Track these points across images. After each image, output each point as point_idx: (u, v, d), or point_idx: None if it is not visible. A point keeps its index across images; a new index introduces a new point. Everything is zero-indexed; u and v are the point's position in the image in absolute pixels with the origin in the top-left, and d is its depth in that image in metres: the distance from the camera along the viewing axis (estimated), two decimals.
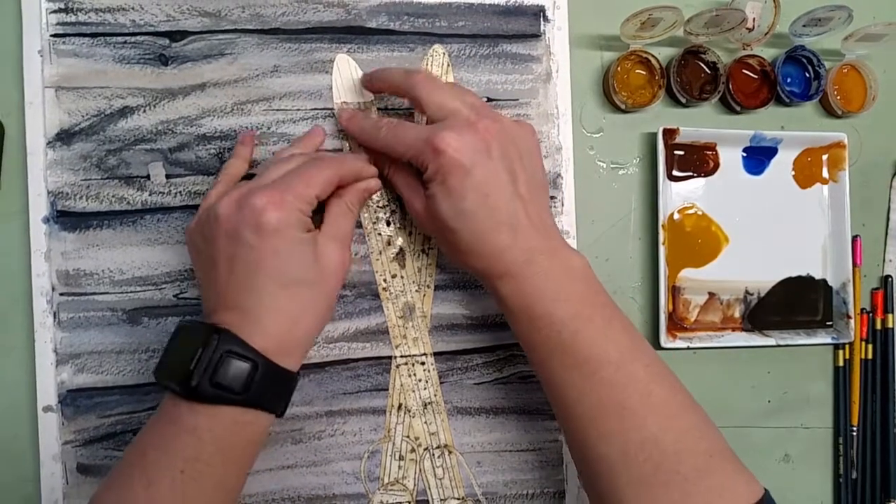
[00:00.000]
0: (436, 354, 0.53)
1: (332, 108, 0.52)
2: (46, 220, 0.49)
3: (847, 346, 0.60)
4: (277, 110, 0.52)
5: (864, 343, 0.60)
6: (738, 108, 0.58)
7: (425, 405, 0.53)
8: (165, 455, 0.38)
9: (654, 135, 0.56)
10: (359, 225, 0.52)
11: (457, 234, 0.44)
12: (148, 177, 0.50)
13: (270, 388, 0.40)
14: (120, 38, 0.50)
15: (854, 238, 0.60)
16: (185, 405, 0.39)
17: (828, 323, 0.60)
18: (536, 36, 0.55)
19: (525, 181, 0.44)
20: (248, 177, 0.48)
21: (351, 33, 0.53)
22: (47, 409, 0.49)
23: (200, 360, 0.38)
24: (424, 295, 0.53)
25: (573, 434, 0.43)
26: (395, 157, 0.46)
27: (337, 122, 0.52)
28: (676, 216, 0.58)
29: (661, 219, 0.56)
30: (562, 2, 0.56)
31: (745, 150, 0.59)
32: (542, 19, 0.55)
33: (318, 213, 0.45)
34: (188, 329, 0.41)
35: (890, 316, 0.61)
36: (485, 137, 0.43)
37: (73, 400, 0.49)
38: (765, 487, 0.41)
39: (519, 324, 0.44)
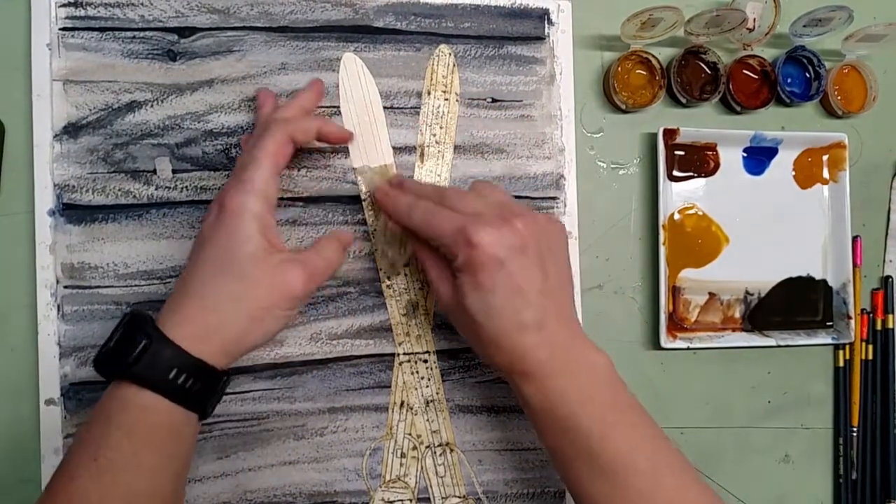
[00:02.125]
0: (438, 352, 0.53)
1: (338, 106, 0.53)
2: (52, 213, 0.49)
3: (847, 347, 0.61)
4: None
5: (864, 343, 0.61)
6: (738, 109, 0.59)
7: (427, 403, 0.53)
8: (83, 443, 0.38)
9: (655, 135, 0.57)
10: (363, 223, 0.52)
11: (482, 328, 0.43)
12: (154, 171, 0.50)
13: (168, 368, 0.39)
14: (129, 33, 0.50)
15: (854, 238, 0.60)
16: (106, 391, 0.40)
17: (828, 323, 0.61)
18: (541, 38, 0.56)
19: (555, 277, 0.44)
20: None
21: (358, 32, 0.53)
22: (49, 402, 0.48)
23: (113, 334, 0.40)
24: (428, 293, 0.53)
25: None
26: (425, 239, 0.46)
27: (343, 123, 0.53)
28: (677, 216, 0.59)
29: (662, 219, 0.57)
30: (566, 5, 0.56)
31: (745, 150, 0.60)
32: (546, 22, 0.56)
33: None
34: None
35: (890, 316, 0.61)
36: (521, 234, 0.42)
37: (75, 393, 0.49)
38: None
39: (543, 425, 0.43)
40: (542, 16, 0.56)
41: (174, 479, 0.40)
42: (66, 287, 0.49)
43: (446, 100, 0.54)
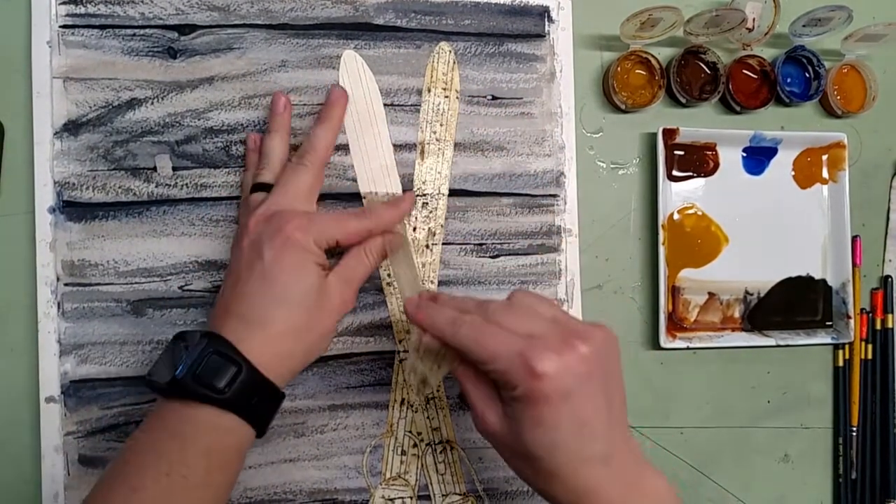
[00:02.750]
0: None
1: None
2: (52, 211, 0.49)
3: (847, 347, 0.61)
4: None
5: (863, 343, 0.61)
6: (737, 109, 0.59)
7: (428, 400, 0.53)
8: (151, 458, 0.39)
9: (654, 135, 0.57)
10: None
11: (540, 462, 0.38)
12: (155, 169, 0.50)
13: (252, 396, 0.41)
14: (129, 31, 0.50)
15: (854, 238, 0.61)
16: (172, 408, 0.40)
17: (827, 323, 0.61)
18: (541, 36, 0.56)
19: (618, 402, 0.40)
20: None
21: (358, 29, 0.53)
22: (50, 399, 0.48)
23: (187, 357, 0.40)
24: (428, 290, 0.53)
25: None
26: (472, 360, 0.40)
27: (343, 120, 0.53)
28: (676, 216, 0.59)
29: (661, 219, 0.57)
30: (566, 3, 0.56)
31: (744, 150, 0.60)
32: (546, 20, 0.56)
33: (338, 256, 0.46)
34: (183, 335, 0.44)
35: (890, 316, 0.62)
36: (587, 360, 0.38)
37: (75, 391, 0.49)
38: None
39: None
40: (543, 13, 0.56)
41: (229, 495, 0.42)
42: (66, 284, 0.49)
43: (446, 97, 0.54)
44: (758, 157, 0.60)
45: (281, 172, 0.47)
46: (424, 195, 0.54)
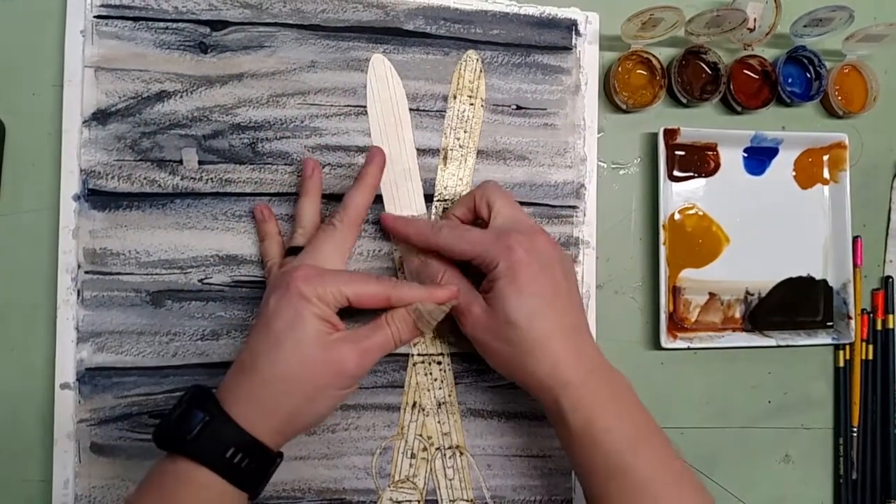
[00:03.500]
0: (452, 355, 0.54)
1: (365, 106, 0.53)
2: (77, 198, 0.49)
3: (847, 347, 0.61)
4: (312, 104, 0.52)
5: (864, 344, 0.61)
6: (738, 109, 0.59)
7: (439, 405, 0.53)
8: None
9: (655, 135, 0.57)
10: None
11: (523, 335, 0.43)
12: (181, 161, 0.51)
13: (225, 446, 0.39)
14: (161, 24, 0.51)
15: (855, 238, 0.61)
16: (159, 463, 0.40)
17: (828, 323, 0.61)
18: (568, 49, 0.57)
19: (577, 293, 0.47)
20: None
21: (388, 34, 0.54)
22: (65, 386, 0.48)
23: (175, 409, 0.40)
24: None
25: None
26: (454, 256, 0.47)
27: (369, 123, 0.53)
28: (677, 216, 0.59)
29: (662, 219, 0.57)
30: (594, 17, 0.57)
31: (745, 150, 0.60)
32: (574, 33, 0.57)
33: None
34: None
35: (890, 316, 0.62)
36: (551, 243, 0.46)
37: (90, 378, 0.49)
38: None
39: (576, 439, 0.43)
40: (570, 26, 0.56)
41: None
42: (87, 272, 0.49)
43: (472, 105, 0.55)
44: (759, 158, 0.60)
45: (313, 233, 0.48)
46: (445, 200, 0.54)
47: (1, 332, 0.49)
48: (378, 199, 0.53)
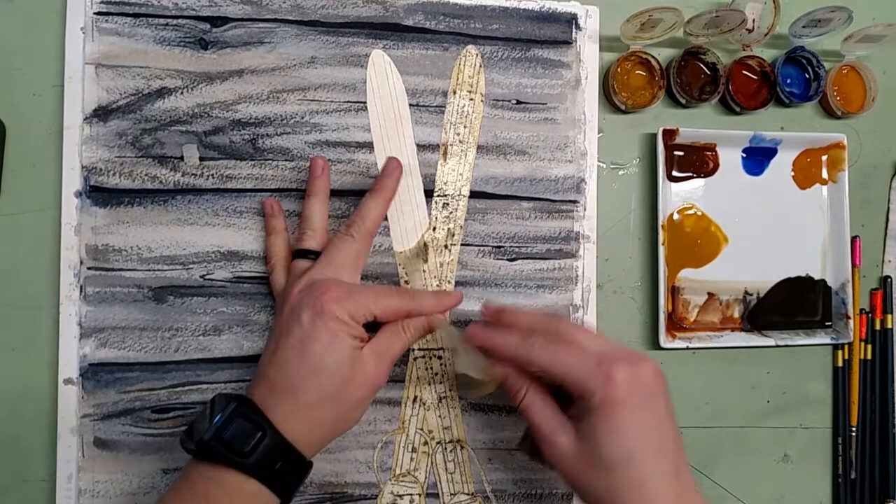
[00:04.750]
0: (453, 350, 0.54)
1: (364, 102, 0.53)
2: (79, 195, 0.50)
3: (846, 347, 0.61)
4: (312, 100, 0.53)
5: (863, 343, 0.61)
6: (737, 109, 0.59)
7: (440, 399, 0.54)
8: None
9: (654, 135, 0.57)
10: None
11: (617, 474, 0.39)
12: (181, 158, 0.51)
13: (276, 461, 0.41)
14: (162, 20, 0.51)
15: (853, 238, 0.61)
16: (199, 471, 0.41)
17: (827, 323, 0.61)
18: (568, 43, 0.56)
19: (677, 431, 0.42)
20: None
21: (387, 30, 0.54)
22: (68, 381, 0.49)
23: (216, 420, 0.40)
24: (445, 290, 0.54)
25: None
26: (544, 374, 0.44)
27: (369, 119, 0.53)
28: (676, 216, 0.59)
29: (661, 219, 0.57)
30: (594, 10, 0.57)
31: (744, 150, 0.60)
32: (574, 27, 0.57)
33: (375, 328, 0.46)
34: (217, 397, 0.43)
35: (889, 316, 0.62)
36: (656, 374, 0.42)
37: (93, 374, 0.49)
38: None
39: None
40: (570, 20, 0.56)
41: None
42: (89, 268, 0.50)
43: (471, 100, 0.55)
44: (757, 158, 0.60)
45: (327, 243, 0.48)
46: (445, 195, 0.54)
47: (4, 330, 0.50)
48: None
